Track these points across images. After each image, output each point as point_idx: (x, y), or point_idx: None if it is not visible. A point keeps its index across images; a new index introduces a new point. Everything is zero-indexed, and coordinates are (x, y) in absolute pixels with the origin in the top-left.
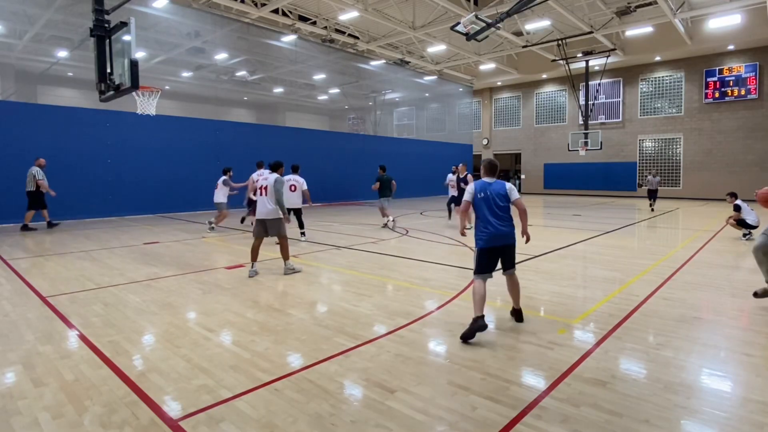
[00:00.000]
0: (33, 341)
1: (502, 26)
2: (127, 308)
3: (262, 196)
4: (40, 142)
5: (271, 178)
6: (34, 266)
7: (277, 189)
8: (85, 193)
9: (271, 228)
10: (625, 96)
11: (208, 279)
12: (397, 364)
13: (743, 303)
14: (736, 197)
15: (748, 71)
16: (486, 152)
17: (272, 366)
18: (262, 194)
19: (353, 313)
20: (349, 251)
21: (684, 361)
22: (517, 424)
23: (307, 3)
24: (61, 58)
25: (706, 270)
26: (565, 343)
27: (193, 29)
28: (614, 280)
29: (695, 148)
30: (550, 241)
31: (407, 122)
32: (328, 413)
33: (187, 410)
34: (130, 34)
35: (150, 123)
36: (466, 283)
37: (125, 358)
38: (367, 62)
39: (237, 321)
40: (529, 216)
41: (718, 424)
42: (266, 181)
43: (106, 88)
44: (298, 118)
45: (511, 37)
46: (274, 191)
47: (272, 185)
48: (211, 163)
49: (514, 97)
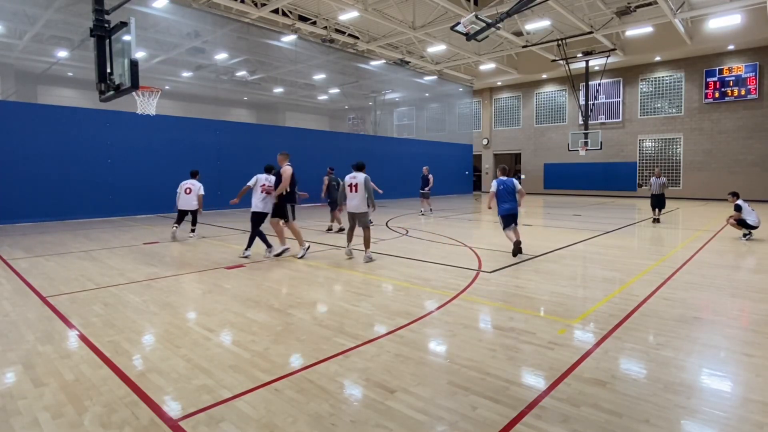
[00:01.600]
0: (33, 341)
1: (502, 26)
2: (127, 308)
3: (353, 192)
4: (40, 142)
5: (360, 177)
6: (34, 266)
7: (368, 186)
8: (85, 193)
9: (359, 220)
10: (625, 96)
11: (208, 279)
12: (397, 364)
13: (743, 303)
14: (738, 197)
15: (748, 71)
16: (486, 152)
17: (272, 366)
18: (352, 191)
19: (353, 313)
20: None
21: (684, 361)
22: (517, 424)
23: (307, 3)
24: (61, 58)
25: (706, 270)
26: (565, 343)
27: (193, 29)
28: (614, 280)
29: (695, 148)
30: (550, 241)
31: (407, 122)
32: (328, 413)
33: (187, 410)
34: (130, 34)
35: (150, 123)
36: (466, 283)
37: (125, 358)
38: (367, 62)
39: (237, 321)
40: (529, 216)
41: (718, 424)
42: (355, 180)
43: (106, 88)
44: (298, 118)
45: (511, 37)
46: (365, 188)
47: (362, 183)
48: (211, 163)
49: (514, 97)
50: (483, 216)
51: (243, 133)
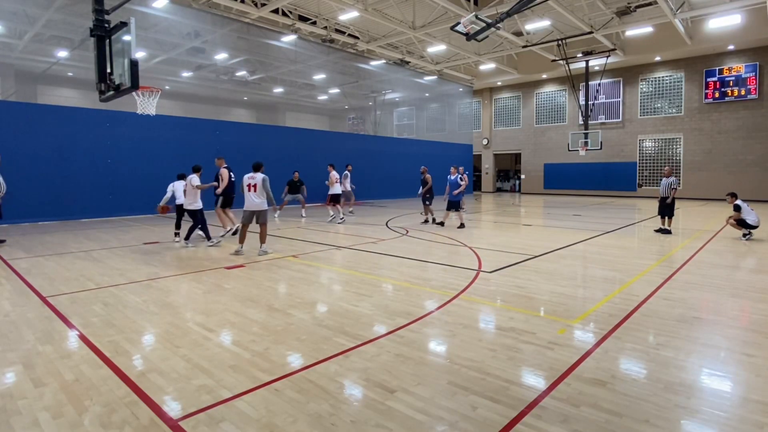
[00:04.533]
0: (33, 341)
1: (502, 26)
2: (127, 308)
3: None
4: (40, 142)
5: (258, 177)
6: (34, 266)
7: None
8: (85, 193)
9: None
10: (625, 96)
11: (208, 279)
12: (397, 364)
13: (743, 303)
14: (737, 197)
15: (748, 71)
16: (486, 152)
17: (272, 366)
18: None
19: (353, 313)
20: (349, 251)
21: (684, 361)
22: (517, 424)
23: (307, 3)
24: (61, 58)
25: (706, 270)
26: (565, 343)
27: (193, 29)
28: (614, 280)
29: (695, 148)
30: (550, 241)
31: (407, 122)
32: (328, 413)
33: (187, 410)
34: (130, 34)
35: (150, 123)
36: (466, 283)
37: (125, 358)
38: (367, 62)
39: (237, 321)
40: (529, 216)
41: (718, 424)
42: (254, 180)
43: (106, 88)
44: (298, 118)
45: (511, 37)
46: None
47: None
48: (211, 163)
49: (514, 97)
50: (483, 216)
51: (243, 133)
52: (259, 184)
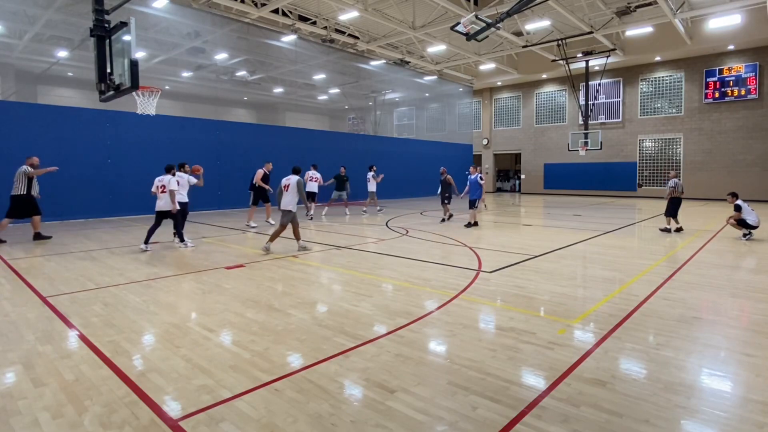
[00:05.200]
0: (33, 341)
1: (502, 26)
2: (127, 308)
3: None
4: (40, 142)
5: (293, 179)
6: (34, 266)
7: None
8: (85, 193)
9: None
10: (625, 96)
11: (208, 279)
12: (397, 364)
13: (743, 303)
14: (737, 197)
15: (748, 71)
16: (486, 152)
17: (272, 366)
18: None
19: (353, 313)
20: (349, 251)
21: (684, 361)
22: (517, 424)
23: (307, 3)
24: (61, 58)
25: (706, 270)
26: (565, 343)
27: (193, 29)
28: (614, 280)
29: (695, 148)
30: (550, 241)
31: (407, 122)
32: (328, 413)
33: (187, 410)
34: (130, 34)
35: (150, 123)
36: (466, 283)
37: (125, 358)
38: (367, 62)
39: (237, 321)
40: (529, 216)
41: (718, 424)
42: (288, 181)
43: (106, 88)
44: (298, 118)
45: (511, 37)
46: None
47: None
48: (211, 163)
49: (514, 97)
50: (483, 216)
51: (243, 133)
52: (292, 185)
